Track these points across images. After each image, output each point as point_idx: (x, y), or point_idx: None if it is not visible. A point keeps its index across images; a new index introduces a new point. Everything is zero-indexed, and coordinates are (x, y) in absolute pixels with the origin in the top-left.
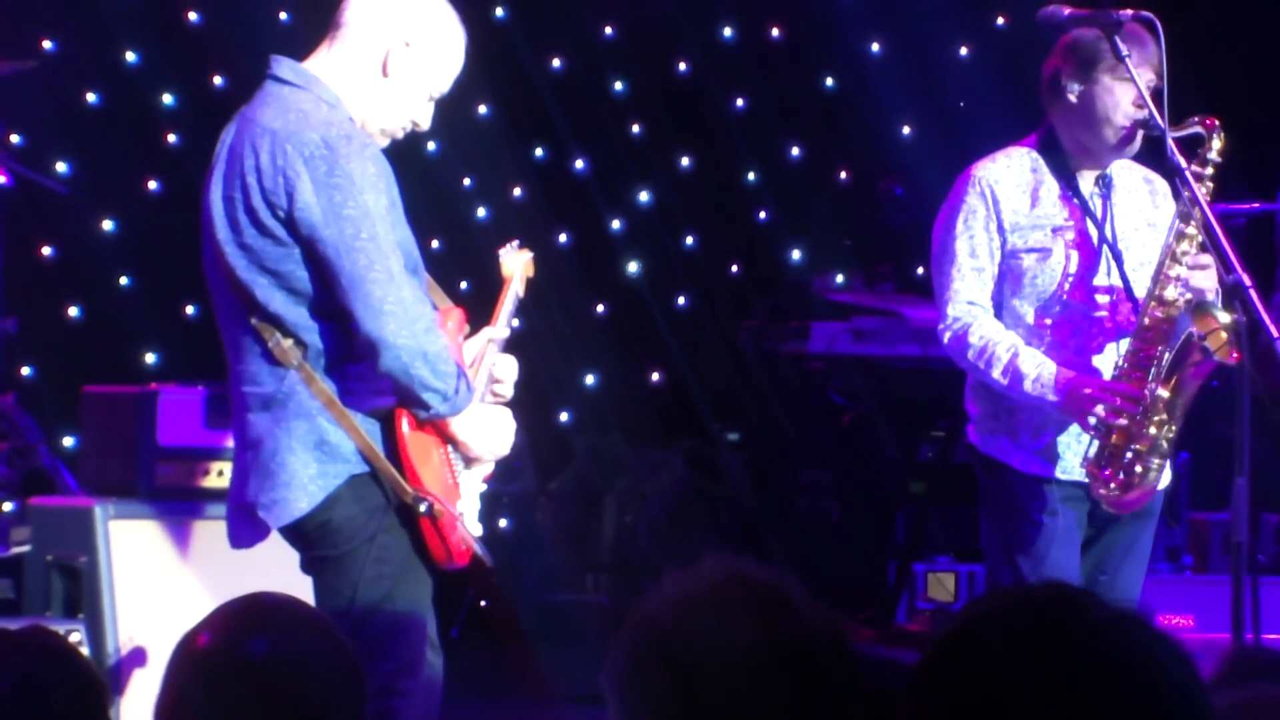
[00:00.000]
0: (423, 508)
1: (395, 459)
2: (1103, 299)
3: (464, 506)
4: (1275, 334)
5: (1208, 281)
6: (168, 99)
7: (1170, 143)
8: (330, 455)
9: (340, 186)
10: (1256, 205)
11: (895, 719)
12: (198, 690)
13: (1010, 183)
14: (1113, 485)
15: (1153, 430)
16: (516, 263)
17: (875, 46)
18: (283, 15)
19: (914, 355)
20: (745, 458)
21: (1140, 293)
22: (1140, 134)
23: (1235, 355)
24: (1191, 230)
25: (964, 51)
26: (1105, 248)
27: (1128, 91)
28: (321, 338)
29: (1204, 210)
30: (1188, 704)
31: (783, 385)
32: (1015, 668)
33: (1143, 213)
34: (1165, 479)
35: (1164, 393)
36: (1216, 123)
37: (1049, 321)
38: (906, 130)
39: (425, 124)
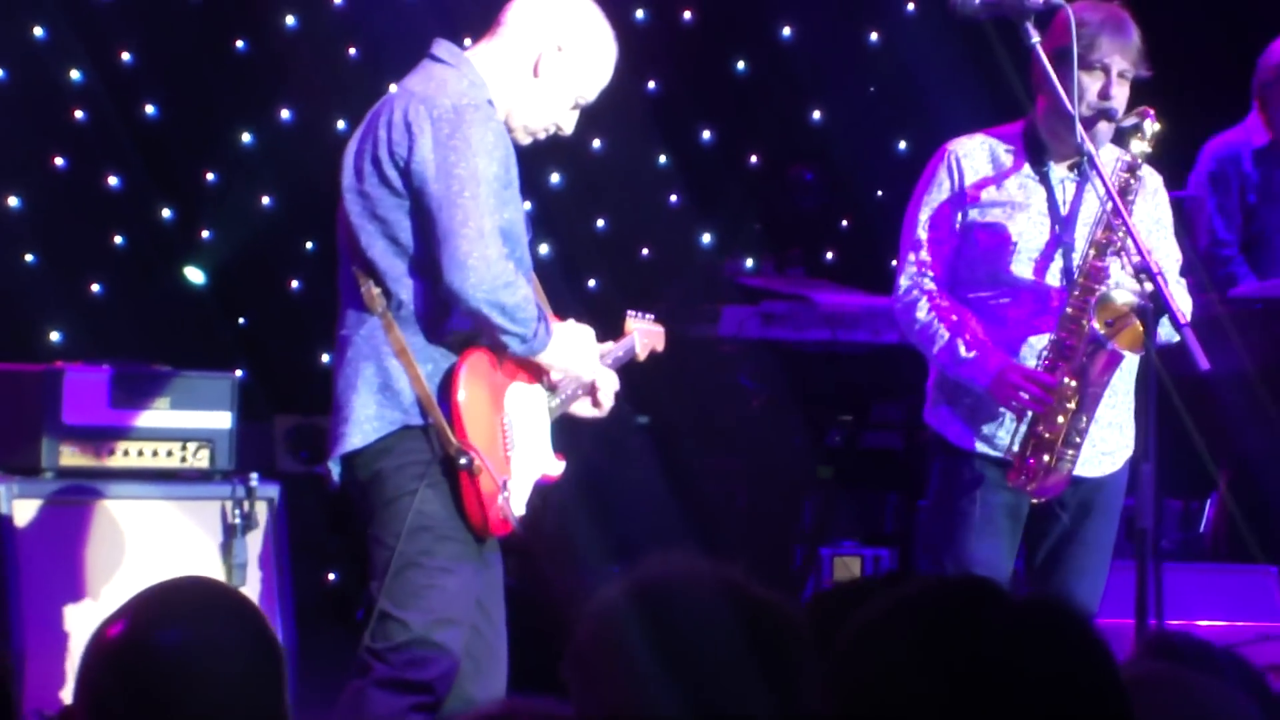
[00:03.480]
0: (463, 461)
1: (448, 415)
2: (1052, 282)
3: (514, 485)
4: (1181, 320)
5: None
6: (75, 75)
7: (1079, 126)
8: (390, 401)
9: (457, 148)
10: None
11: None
12: (113, 683)
13: (980, 158)
14: (1027, 474)
15: (1061, 419)
16: (642, 329)
17: (786, 30)
18: None
19: (823, 340)
20: (654, 441)
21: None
22: (1103, 124)
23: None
24: (1117, 221)
25: (874, 37)
26: (1061, 233)
27: (1095, 82)
28: (408, 291)
29: (1110, 192)
30: (1104, 691)
31: (692, 369)
32: (928, 658)
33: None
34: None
35: (1072, 382)
36: (1152, 111)
37: (1001, 299)
38: (817, 115)
39: (568, 129)
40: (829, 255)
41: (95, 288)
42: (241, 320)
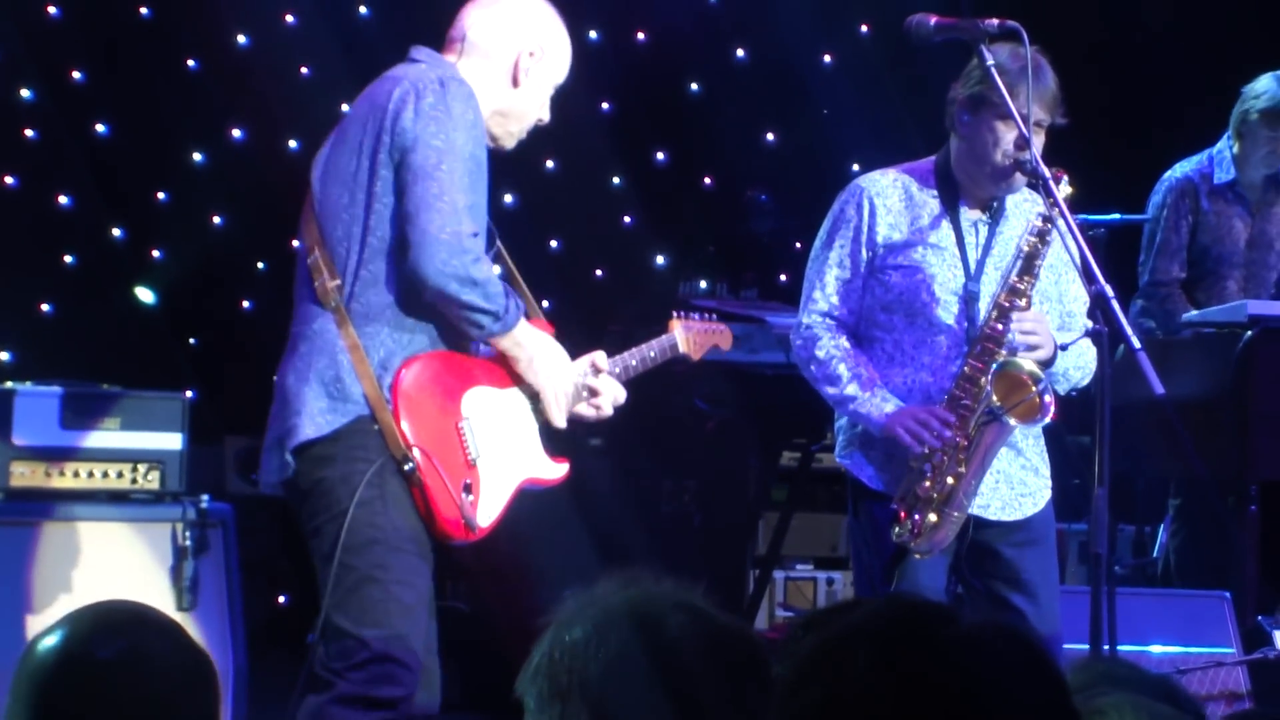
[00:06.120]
0: (407, 467)
1: (394, 415)
2: (956, 326)
3: (485, 490)
4: (1137, 345)
5: (1033, 340)
6: (25, 93)
7: (1036, 154)
8: (341, 394)
9: (437, 119)
10: (1118, 217)
11: None
12: (45, 698)
13: (893, 197)
14: (912, 528)
15: (950, 480)
16: (691, 328)
17: (740, 52)
18: (143, 10)
19: (778, 362)
20: (608, 463)
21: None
22: (1019, 174)
23: (1045, 412)
24: (1022, 285)
25: (828, 59)
26: (968, 280)
27: (1010, 132)
28: (365, 286)
29: (1066, 218)
30: (1055, 715)
31: (646, 391)
32: (880, 681)
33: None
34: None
35: (964, 443)
36: (1065, 175)
37: (911, 338)
38: (771, 137)
39: (547, 117)
40: (783, 278)
41: (45, 307)
42: (192, 340)
